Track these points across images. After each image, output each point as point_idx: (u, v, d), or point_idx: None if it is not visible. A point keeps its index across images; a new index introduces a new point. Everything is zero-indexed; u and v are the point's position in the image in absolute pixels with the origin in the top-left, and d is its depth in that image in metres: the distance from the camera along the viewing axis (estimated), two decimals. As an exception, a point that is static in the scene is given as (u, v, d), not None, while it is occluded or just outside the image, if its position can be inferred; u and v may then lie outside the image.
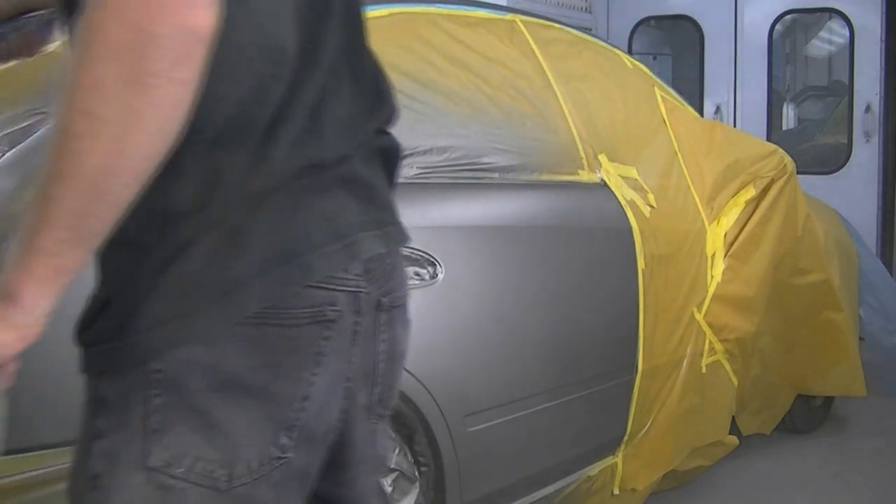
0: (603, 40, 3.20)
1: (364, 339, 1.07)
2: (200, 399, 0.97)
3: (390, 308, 1.13)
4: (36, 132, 1.62)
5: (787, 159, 3.09)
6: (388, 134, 1.25)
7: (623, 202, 2.55)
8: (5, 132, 1.63)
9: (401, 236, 1.16)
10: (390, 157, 1.26)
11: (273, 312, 0.97)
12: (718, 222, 2.96)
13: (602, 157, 2.59)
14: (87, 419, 1.04)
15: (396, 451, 1.90)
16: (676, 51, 6.28)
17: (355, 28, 1.13)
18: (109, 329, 1.02)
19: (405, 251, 1.94)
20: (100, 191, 0.88)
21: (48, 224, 0.89)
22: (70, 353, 1.46)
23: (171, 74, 0.85)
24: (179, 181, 0.95)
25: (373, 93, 1.17)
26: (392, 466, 1.88)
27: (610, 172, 2.59)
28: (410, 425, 1.93)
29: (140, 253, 0.98)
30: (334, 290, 1.01)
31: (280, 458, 1.00)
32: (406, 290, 1.19)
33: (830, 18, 5.66)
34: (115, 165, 0.87)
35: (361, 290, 1.04)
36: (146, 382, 0.97)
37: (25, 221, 0.90)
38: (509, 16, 2.59)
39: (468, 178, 2.20)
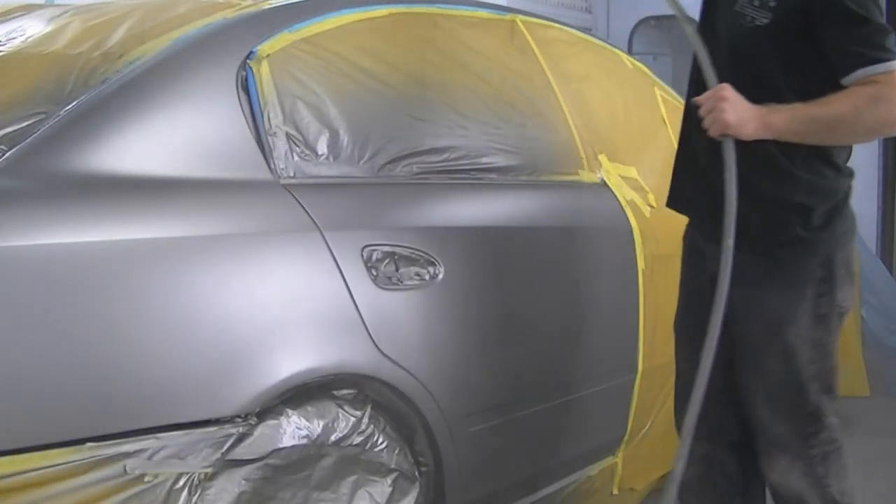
0: (603, 40, 3.19)
1: None
2: (845, 278, 2.07)
3: None
4: (36, 132, 1.62)
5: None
6: None
7: (623, 202, 2.55)
8: (5, 132, 1.63)
9: None
10: None
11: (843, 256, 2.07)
12: (718, 222, 2.95)
13: (602, 157, 2.59)
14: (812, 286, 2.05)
15: (396, 451, 1.90)
16: (676, 51, 6.29)
17: None
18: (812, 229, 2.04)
19: (405, 251, 1.95)
20: (828, 129, 1.94)
21: (795, 121, 1.93)
22: (70, 354, 1.46)
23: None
24: (830, 168, 2.04)
25: None
26: (392, 466, 1.88)
27: (610, 172, 2.59)
28: (410, 425, 1.94)
29: (814, 199, 2.03)
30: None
31: (844, 309, 2.09)
32: None
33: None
34: (841, 127, 1.94)
35: None
36: (820, 263, 2.04)
37: (792, 108, 1.93)
38: (509, 16, 2.59)
39: (468, 178, 2.20)
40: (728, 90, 1.93)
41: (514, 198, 2.32)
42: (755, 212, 1.99)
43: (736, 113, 1.91)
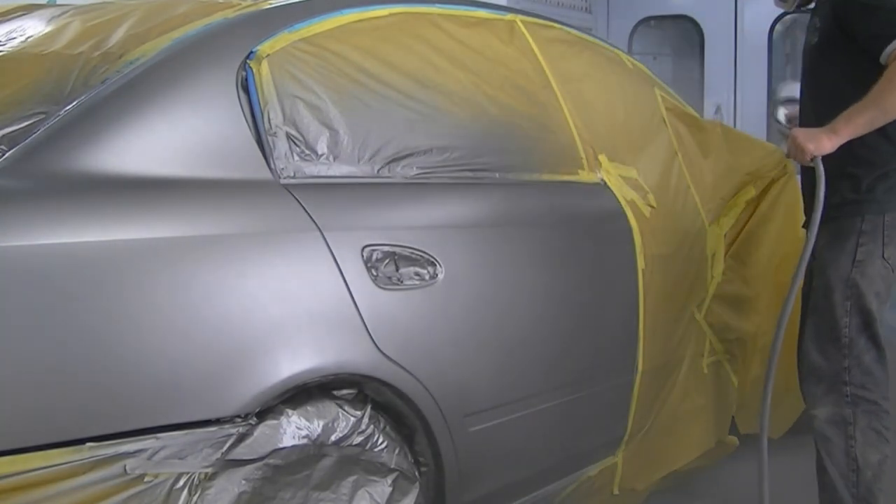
0: (603, 40, 3.19)
1: None
2: (892, 237, 2.52)
3: None
4: (36, 132, 1.62)
5: (788, 159, 3.10)
6: None
7: (623, 202, 2.55)
8: (5, 132, 1.63)
9: None
10: None
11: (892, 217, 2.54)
12: (718, 222, 2.96)
13: (602, 157, 2.59)
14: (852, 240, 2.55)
15: (396, 451, 1.90)
16: (676, 51, 6.29)
17: None
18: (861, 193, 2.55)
19: (405, 251, 1.95)
20: (881, 110, 2.38)
21: (851, 120, 2.41)
22: (70, 354, 1.46)
23: None
24: (886, 142, 2.53)
25: None
26: (392, 466, 1.88)
27: (610, 172, 2.59)
28: (410, 425, 1.94)
29: (870, 167, 2.55)
30: None
31: (890, 264, 2.56)
32: None
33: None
34: (888, 101, 2.36)
35: None
36: (865, 220, 2.53)
37: (849, 112, 2.41)
38: (509, 16, 2.59)
39: (468, 178, 2.20)
40: (795, 130, 2.56)
41: (514, 198, 2.32)
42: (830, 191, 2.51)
43: (810, 141, 2.47)
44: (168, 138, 1.72)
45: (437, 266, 1.97)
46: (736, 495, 3.03)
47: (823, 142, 2.44)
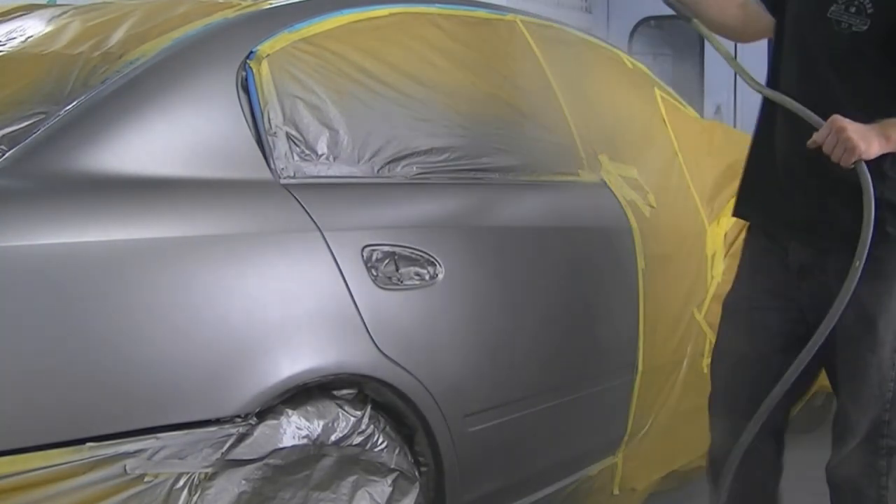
0: (603, 40, 3.19)
1: None
2: None
3: None
4: (36, 132, 1.62)
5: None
6: None
7: (623, 202, 2.55)
8: (5, 132, 1.63)
9: None
10: None
11: None
12: (718, 222, 2.95)
13: (602, 157, 2.59)
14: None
15: (396, 451, 1.90)
16: (676, 51, 6.29)
17: None
18: None
19: (405, 251, 1.95)
20: None
21: None
22: (70, 354, 1.46)
23: None
24: None
25: None
26: (392, 466, 1.88)
27: (610, 172, 2.59)
28: (410, 425, 1.94)
29: None
30: None
31: None
32: None
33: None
34: None
35: None
36: None
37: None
38: (509, 16, 2.59)
39: (468, 178, 2.20)
40: (842, 120, 1.95)
41: (514, 198, 2.32)
42: (846, 208, 2.05)
43: (860, 137, 1.94)
44: (168, 138, 1.72)
45: (437, 266, 1.97)
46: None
47: (873, 144, 1.97)
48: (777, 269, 2.22)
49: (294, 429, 1.71)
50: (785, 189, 2.18)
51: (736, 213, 2.36)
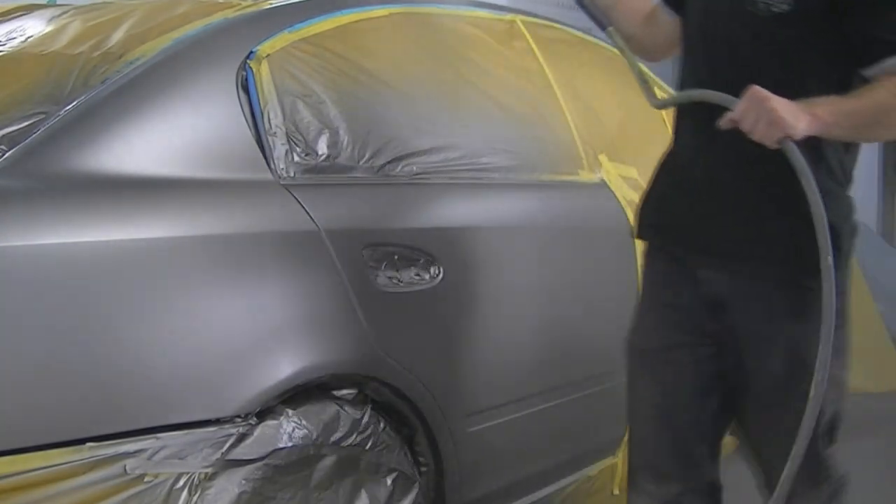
0: (603, 40, 3.19)
1: None
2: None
3: None
4: (36, 132, 1.62)
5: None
6: None
7: (623, 202, 2.55)
8: (5, 132, 1.63)
9: None
10: None
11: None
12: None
13: (602, 157, 2.59)
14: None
15: (396, 451, 1.90)
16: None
17: None
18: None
19: (405, 251, 1.94)
20: (874, 122, 1.69)
21: (839, 114, 1.66)
22: (70, 354, 1.45)
23: None
24: (846, 180, 1.81)
25: None
26: (392, 466, 1.88)
27: (610, 172, 2.59)
28: (410, 425, 1.94)
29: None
30: None
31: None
32: None
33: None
34: (886, 118, 1.68)
35: None
36: (840, 292, 1.68)
37: (830, 100, 1.66)
38: (509, 16, 2.59)
39: (468, 178, 2.20)
40: (762, 90, 1.64)
41: (514, 198, 2.32)
42: (778, 233, 1.74)
43: (784, 109, 1.62)
44: (168, 138, 1.72)
45: (437, 266, 1.97)
46: (736, 495, 3.02)
47: (800, 120, 1.63)
48: (686, 298, 1.87)
49: (294, 429, 1.71)
50: (696, 203, 1.85)
51: (639, 235, 2.01)
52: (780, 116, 1.61)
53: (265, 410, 1.67)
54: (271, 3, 2.07)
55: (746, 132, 1.65)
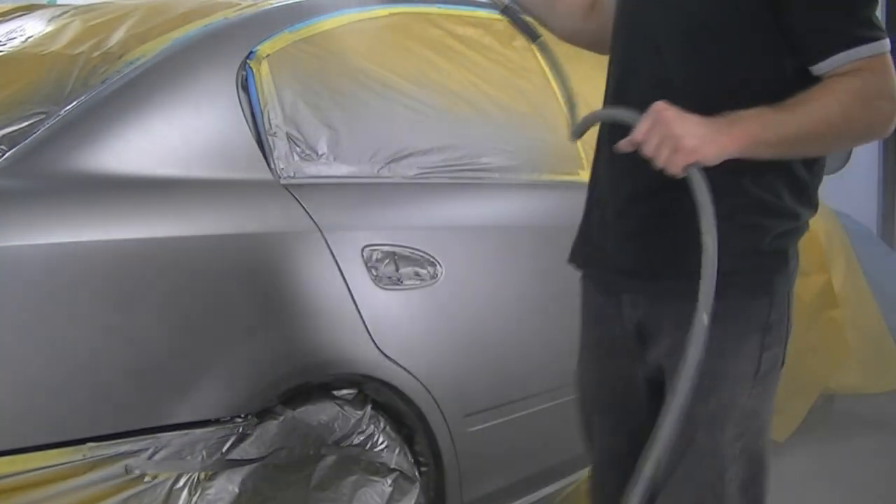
0: (603, 40, 3.19)
1: None
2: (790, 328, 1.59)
3: None
4: (36, 132, 1.62)
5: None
6: None
7: (623, 202, 2.55)
8: (5, 132, 1.63)
9: None
10: None
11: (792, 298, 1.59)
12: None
13: (602, 157, 2.59)
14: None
15: (396, 451, 1.90)
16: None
17: None
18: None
19: (405, 251, 1.95)
20: (810, 138, 1.41)
21: (770, 127, 1.38)
22: (70, 354, 1.45)
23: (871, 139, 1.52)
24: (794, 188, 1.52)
25: None
26: (392, 466, 1.88)
27: (610, 172, 2.59)
28: (410, 425, 1.94)
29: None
30: None
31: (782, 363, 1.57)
32: None
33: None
34: (828, 134, 1.41)
35: None
36: (771, 303, 1.54)
37: (759, 112, 1.38)
38: (509, 16, 2.58)
39: (468, 178, 2.20)
40: (667, 109, 1.38)
41: (514, 198, 2.32)
42: (689, 240, 1.41)
43: (691, 132, 1.37)
44: (168, 138, 1.72)
45: (437, 266, 1.98)
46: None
47: (709, 144, 1.38)
48: (617, 327, 1.68)
49: (294, 429, 1.71)
50: (612, 225, 1.65)
51: (570, 259, 1.83)
52: (683, 144, 1.36)
53: (265, 410, 1.67)
54: (271, 3, 2.07)
55: (648, 158, 1.41)
